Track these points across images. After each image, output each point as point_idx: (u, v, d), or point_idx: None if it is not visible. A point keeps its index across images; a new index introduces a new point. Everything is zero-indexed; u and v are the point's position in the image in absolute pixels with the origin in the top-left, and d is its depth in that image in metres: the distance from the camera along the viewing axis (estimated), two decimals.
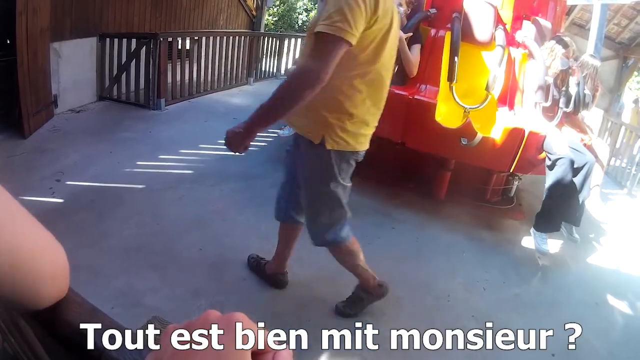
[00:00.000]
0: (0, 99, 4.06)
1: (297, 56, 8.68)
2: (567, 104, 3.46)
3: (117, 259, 2.48)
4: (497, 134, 3.18)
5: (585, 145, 3.32)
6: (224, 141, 1.78)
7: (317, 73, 1.58)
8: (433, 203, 3.68)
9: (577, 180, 3.11)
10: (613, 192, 5.88)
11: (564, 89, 3.41)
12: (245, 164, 3.92)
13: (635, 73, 13.86)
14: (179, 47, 6.16)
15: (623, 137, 7.01)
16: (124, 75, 5.74)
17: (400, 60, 3.42)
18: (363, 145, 1.91)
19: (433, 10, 3.73)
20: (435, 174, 3.76)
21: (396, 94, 3.30)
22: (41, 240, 0.43)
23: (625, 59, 10.00)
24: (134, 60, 5.60)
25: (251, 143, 1.77)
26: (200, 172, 3.53)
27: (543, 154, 3.27)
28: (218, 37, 6.85)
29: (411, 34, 3.55)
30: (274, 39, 9.08)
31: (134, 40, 5.62)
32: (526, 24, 3.75)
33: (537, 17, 3.79)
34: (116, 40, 5.68)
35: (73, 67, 5.23)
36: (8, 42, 4.37)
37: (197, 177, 3.22)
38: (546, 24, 3.81)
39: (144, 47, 5.44)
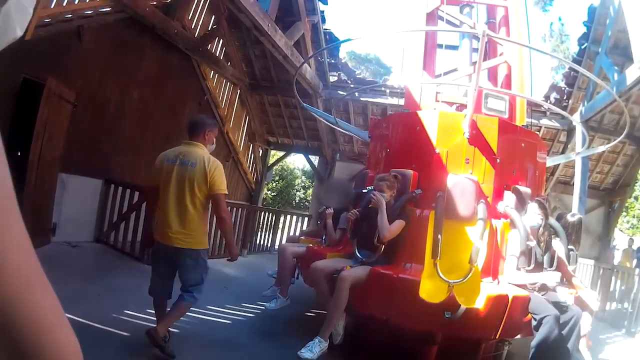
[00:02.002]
0: None
1: (292, 232, 8.88)
2: (550, 264, 3.55)
3: None
4: (480, 303, 3.13)
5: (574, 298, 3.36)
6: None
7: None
8: None
9: (565, 334, 3.11)
10: (610, 336, 5.75)
11: (544, 246, 3.53)
12: (230, 332, 3.87)
13: (624, 214, 14.24)
14: None
15: (616, 281, 7.04)
16: (122, 224, 5.76)
17: (389, 242, 3.57)
18: (159, 237, 3.07)
19: (418, 191, 3.89)
20: (421, 348, 3.63)
21: (381, 274, 3.38)
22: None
23: (611, 204, 10.31)
24: (135, 212, 5.61)
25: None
26: (185, 333, 3.44)
27: (529, 315, 3.26)
28: None
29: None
30: (271, 214, 9.29)
31: (137, 193, 5.74)
32: (507, 194, 3.93)
33: (517, 186, 3.97)
34: (120, 188, 5.84)
35: (76, 202, 5.44)
36: (19, 154, 4.66)
37: (182, 338, 3.14)
38: (526, 190, 3.99)
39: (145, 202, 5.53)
